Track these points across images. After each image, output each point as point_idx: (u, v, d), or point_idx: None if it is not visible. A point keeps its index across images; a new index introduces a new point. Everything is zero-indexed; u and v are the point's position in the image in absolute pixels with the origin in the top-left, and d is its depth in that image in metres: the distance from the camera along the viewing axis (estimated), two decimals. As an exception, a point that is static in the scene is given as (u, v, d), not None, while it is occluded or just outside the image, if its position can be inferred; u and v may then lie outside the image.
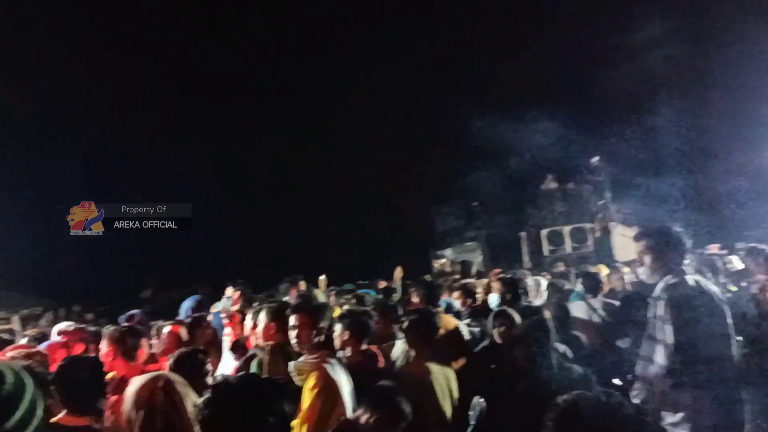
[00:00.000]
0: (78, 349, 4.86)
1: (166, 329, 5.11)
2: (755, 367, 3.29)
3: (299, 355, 3.39)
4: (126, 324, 5.38)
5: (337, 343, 3.94)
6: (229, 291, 7.88)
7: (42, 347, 4.53)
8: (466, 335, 4.80)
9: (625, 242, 13.38)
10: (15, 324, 15.64)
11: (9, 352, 3.96)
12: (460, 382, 3.84)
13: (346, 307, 5.50)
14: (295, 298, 5.77)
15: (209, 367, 3.34)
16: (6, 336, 5.80)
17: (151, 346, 5.14)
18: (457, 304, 5.84)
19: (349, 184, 19.27)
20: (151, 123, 17.86)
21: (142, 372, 3.48)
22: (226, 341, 4.77)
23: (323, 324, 3.50)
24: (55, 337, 5.11)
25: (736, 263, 6.27)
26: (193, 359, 3.28)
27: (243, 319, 4.69)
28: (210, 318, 5.53)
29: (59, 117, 16.82)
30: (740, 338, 3.33)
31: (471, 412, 3.24)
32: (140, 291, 18.98)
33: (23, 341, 5.25)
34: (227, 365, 4.53)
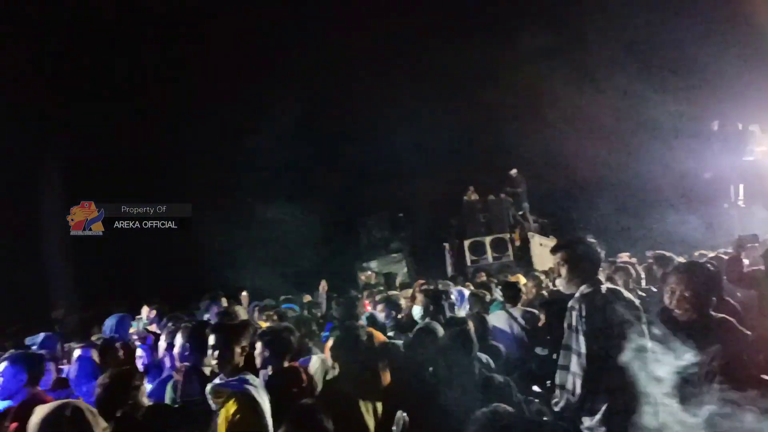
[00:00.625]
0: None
1: (77, 352, 4.81)
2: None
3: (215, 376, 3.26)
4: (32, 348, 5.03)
5: (258, 361, 3.82)
6: (145, 310, 7.55)
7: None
8: (392, 348, 4.78)
9: (543, 251, 13.88)
10: None
11: None
12: (384, 396, 3.81)
13: (267, 323, 5.36)
14: (214, 315, 5.57)
15: (143, 389, 3.15)
16: None
17: (60, 370, 4.83)
18: (382, 316, 5.83)
19: (273, 195, 18.98)
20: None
21: (47, 400, 3.26)
22: (139, 363, 4.54)
23: (244, 343, 3.39)
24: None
25: (644, 271, 6.58)
26: (122, 381, 3.09)
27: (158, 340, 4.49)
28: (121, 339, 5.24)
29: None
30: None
31: (394, 428, 3.21)
32: (51, 311, 17.86)
33: None
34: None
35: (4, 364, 3.86)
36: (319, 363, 4.25)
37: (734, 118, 13.62)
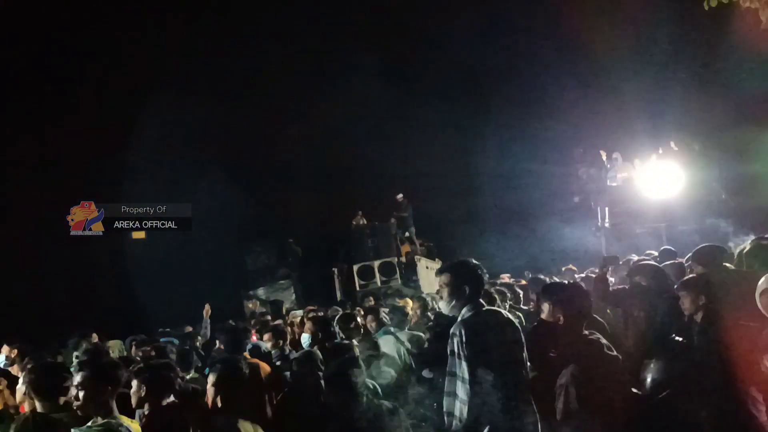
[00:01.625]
0: None
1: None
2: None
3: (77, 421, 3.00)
4: None
5: (134, 400, 3.57)
6: (5, 350, 6.86)
7: None
8: (278, 378, 4.66)
9: (429, 274, 14.21)
10: None
11: None
12: (272, 427, 3.68)
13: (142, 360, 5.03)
14: (82, 353, 5.16)
15: None
16: None
17: None
18: (267, 346, 5.67)
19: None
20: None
21: None
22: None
23: (115, 381, 3.16)
24: None
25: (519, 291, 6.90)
26: None
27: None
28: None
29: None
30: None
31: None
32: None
33: None
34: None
35: None
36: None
37: (597, 146, 14.80)
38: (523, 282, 8.06)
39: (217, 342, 5.72)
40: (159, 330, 7.61)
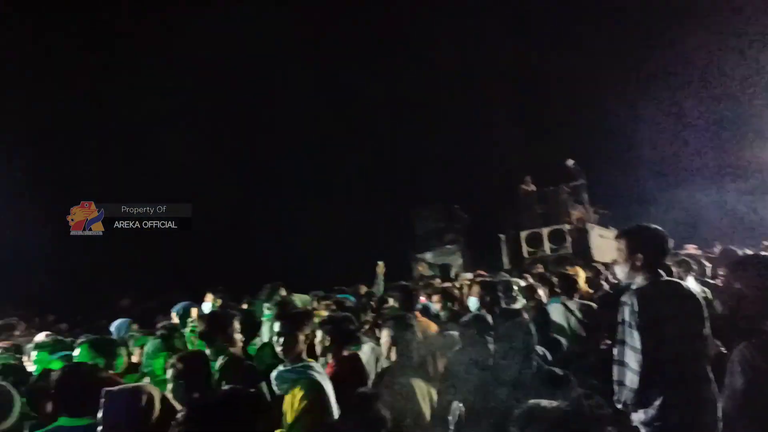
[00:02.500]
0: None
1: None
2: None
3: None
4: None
5: (318, 349, 3.92)
6: (209, 298, 7.83)
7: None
8: (447, 338, 4.81)
9: (602, 243, 13.54)
10: (-9, 335, 15.32)
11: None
12: (439, 386, 3.84)
13: (325, 313, 5.47)
14: (273, 304, 5.72)
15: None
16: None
17: (130, 355, 5.08)
18: (436, 307, 5.85)
19: (330, 186, 19.21)
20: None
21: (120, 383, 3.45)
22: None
23: (307, 331, 3.48)
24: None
25: (707, 264, 6.37)
26: (193, 364, 3.27)
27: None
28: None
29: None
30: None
31: (450, 417, 3.24)
32: (118, 299, 18.69)
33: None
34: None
35: (80, 349, 4.11)
36: (370, 352, 4.32)
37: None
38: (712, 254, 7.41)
39: (389, 300, 6.01)
40: (335, 288, 8.13)
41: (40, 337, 5.37)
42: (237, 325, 4.20)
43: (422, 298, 6.89)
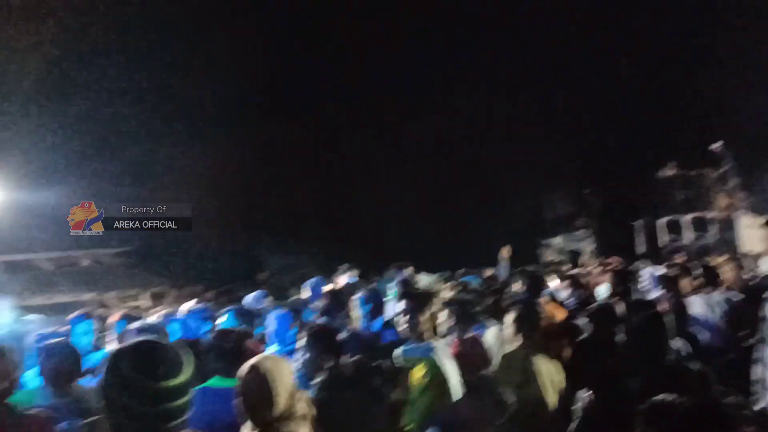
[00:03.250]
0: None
1: (275, 311, 5.41)
2: None
3: None
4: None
5: (441, 329, 4.00)
6: (343, 269, 8.18)
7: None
8: (574, 326, 4.69)
9: (751, 233, 12.41)
10: (146, 300, 17.19)
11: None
12: (567, 374, 3.77)
13: (450, 294, 5.54)
14: (396, 283, 5.89)
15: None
16: (134, 312, 6.39)
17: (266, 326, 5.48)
18: (563, 294, 5.71)
19: (460, 169, 19.21)
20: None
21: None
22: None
23: (431, 310, 3.57)
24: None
25: None
26: (326, 336, 3.51)
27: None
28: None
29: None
30: None
31: (577, 406, 3.19)
32: (257, 273, 20.14)
33: (153, 318, 5.78)
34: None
35: (227, 316, 4.54)
36: (494, 335, 4.32)
37: None
38: None
39: (515, 284, 5.96)
40: (460, 269, 8.18)
41: (190, 304, 5.92)
42: (356, 302, 4.41)
43: (550, 284, 6.74)
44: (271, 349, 4.68)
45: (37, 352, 3.72)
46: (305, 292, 6.68)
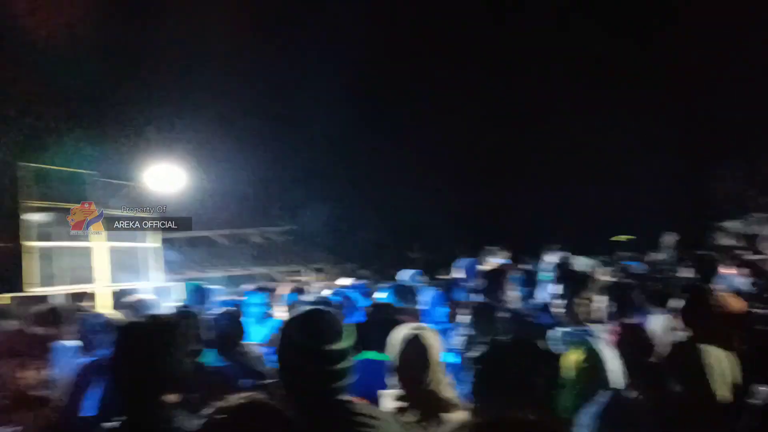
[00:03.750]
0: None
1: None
2: None
3: None
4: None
5: (599, 315, 3.89)
6: (494, 250, 8.20)
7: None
8: (756, 316, 4.31)
9: None
10: (308, 276, 18.41)
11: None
12: (743, 367, 3.50)
13: (609, 278, 5.34)
14: (556, 267, 5.78)
15: None
16: (300, 285, 6.95)
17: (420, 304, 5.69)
18: (740, 281, 5.26)
19: (617, 148, 18.18)
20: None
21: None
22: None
23: (588, 295, 3.50)
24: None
25: None
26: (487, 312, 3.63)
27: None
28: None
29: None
30: None
31: (752, 401, 2.97)
32: (410, 251, 20.71)
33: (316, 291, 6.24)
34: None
35: (385, 292, 4.82)
36: (661, 322, 4.11)
37: None
38: None
39: (682, 270, 5.58)
40: (622, 253, 7.82)
41: (348, 280, 6.32)
42: (512, 282, 4.45)
43: (724, 271, 6.22)
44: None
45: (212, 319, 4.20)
46: (457, 272, 6.80)
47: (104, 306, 8.48)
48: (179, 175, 9.70)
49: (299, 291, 5.73)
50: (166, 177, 9.61)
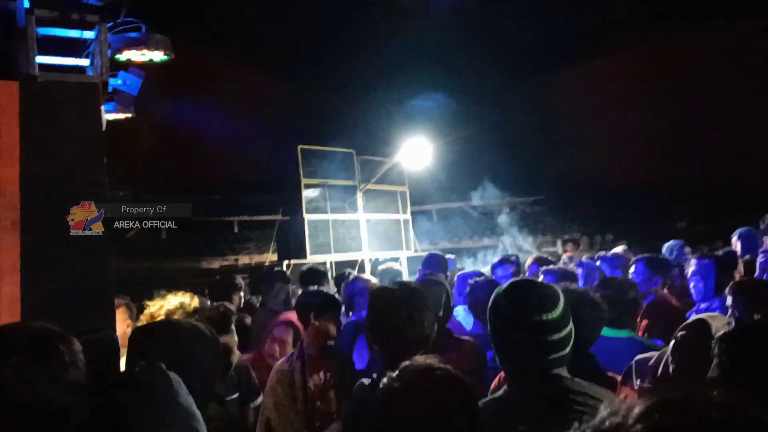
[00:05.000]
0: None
1: (693, 262, 4.98)
2: None
3: None
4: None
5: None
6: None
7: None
8: None
9: None
10: (559, 247, 17.89)
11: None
12: None
13: None
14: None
15: None
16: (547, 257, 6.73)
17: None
18: None
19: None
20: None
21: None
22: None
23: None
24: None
25: None
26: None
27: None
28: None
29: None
30: None
31: None
32: (676, 221, 18.83)
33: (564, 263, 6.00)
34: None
35: (638, 265, 4.43)
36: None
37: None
38: None
39: None
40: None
41: (602, 252, 5.95)
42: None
43: None
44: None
45: (467, 288, 4.30)
46: (736, 244, 6.00)
47: (365, 273, 9.35)
48: (430, 150, 10.12)
49: (542, 261, 5.57)
50: (418, 152, 10.11)
